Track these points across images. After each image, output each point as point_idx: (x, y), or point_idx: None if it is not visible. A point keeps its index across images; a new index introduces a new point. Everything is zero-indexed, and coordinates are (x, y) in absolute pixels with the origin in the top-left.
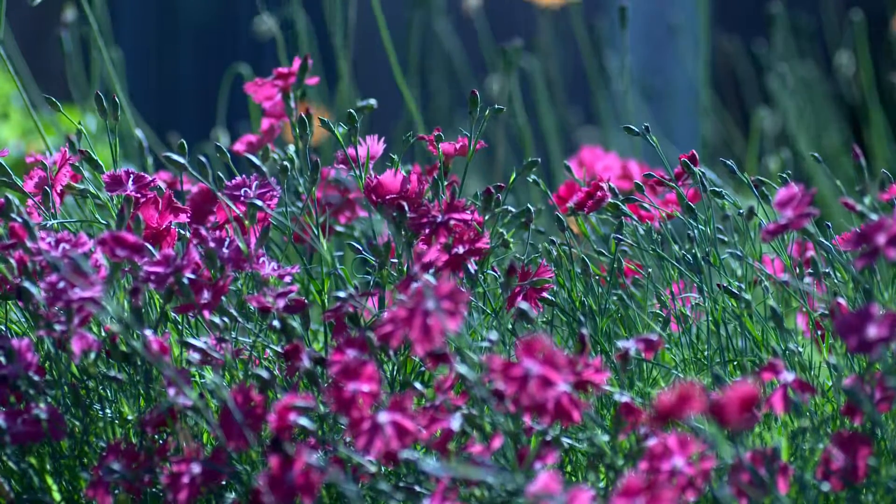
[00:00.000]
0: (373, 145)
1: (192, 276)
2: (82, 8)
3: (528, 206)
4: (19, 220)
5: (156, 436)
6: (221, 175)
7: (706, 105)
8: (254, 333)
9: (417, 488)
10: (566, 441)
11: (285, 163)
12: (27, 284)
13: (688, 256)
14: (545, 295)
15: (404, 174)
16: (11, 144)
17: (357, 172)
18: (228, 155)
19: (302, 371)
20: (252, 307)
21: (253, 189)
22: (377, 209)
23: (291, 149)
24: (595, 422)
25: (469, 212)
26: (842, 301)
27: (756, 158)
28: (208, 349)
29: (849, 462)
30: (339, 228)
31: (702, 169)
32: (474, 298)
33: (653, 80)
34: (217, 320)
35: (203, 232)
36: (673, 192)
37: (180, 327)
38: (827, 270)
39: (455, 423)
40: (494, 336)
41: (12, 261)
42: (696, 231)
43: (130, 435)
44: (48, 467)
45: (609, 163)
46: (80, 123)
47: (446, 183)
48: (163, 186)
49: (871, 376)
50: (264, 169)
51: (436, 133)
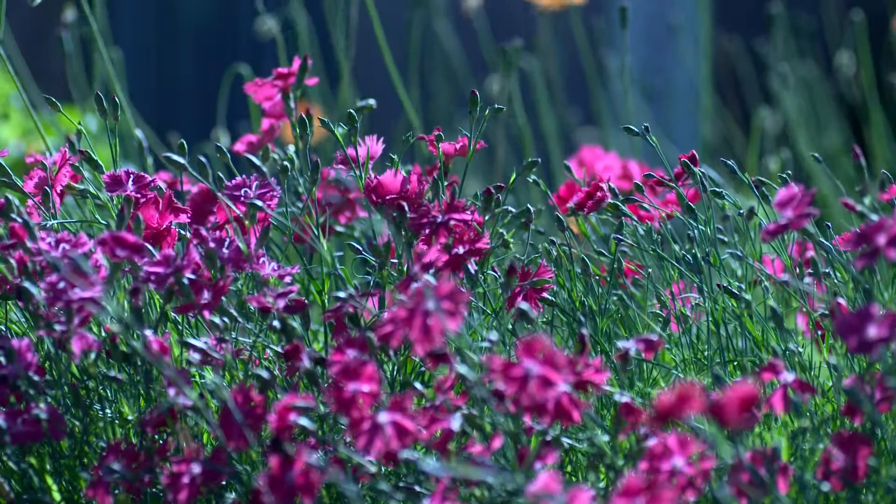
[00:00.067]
0: (372, 145)
1: (192, 277)
2: (82, 8)
3: (528, 207)
4: (19, 221)
5: (156, 436)
6: (221, 175)
7: (706, 105)
8: (254, 333)
9: (417, 488)
10: (566, 441)
11: (285, 163)
12: (27, 284)
13: (688, 256)
14: (545, 295)
15: (404, 174)
16: (11, 144)
17: (357, 172)
18: (228, 155)
19: (302, 371)
20: (252, 307)
21: (253, 189)
22: (377, 209)
23: (291, 149)
24: (595, 422)
25: (469, 212)
26: (842, 301)
27: (757, 158)
28: (208, 349)
29: (849, 462)
30: (339, 228)
31: (702, 169)
32: (474, 298)
33: (653, 80)
34: (217, 320)
35: (203, 232)
36: (673, 193)
37: (180, 327)
38: (827, 270)
39: (455, 423)
40: (494, 336)
41: (12, 261)
42: (696, 231)
43: (130, 435)
44: (48, 467)
45: (609, 163)
46: (80, 123)
47: (446, 183)
48: (163, 186)
49: (871, 376)
50: (264, 169)
51: (436, 133)
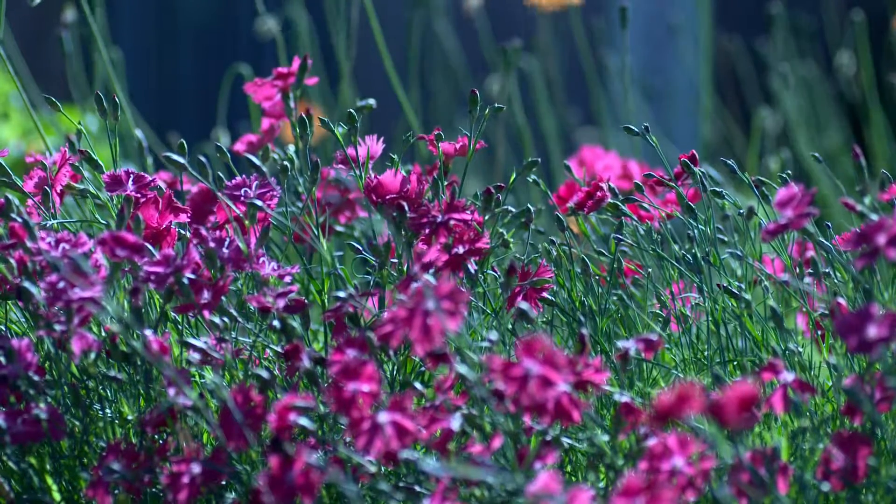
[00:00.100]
0: (372, 145)
1: (192, 276)
2: (82, 8)
3: (528, 206)
4: (19, 220)
5: (156, 436)
6: (221, 175)
7: (707, 105)
8: (254, 333)
9: (417, 488)
10: (566, 441)
11: (285, 163)
12: (27, 284)
13: (688, 256)
14: (545, 295)
15: (404, 174)
16: (11, 144)
17: (357, 172)
18: (228, 155)
19: (302, 371)
20: (252, 307)
21: (253, 189)
22: (377, 209)
23: (291, 149)
24: (595, 422)
25: (469, 212)
26: (842, 301)
27: (757, 158)
28: (208, 349)
29: (849, 462)
30: (339, 228)
31: (703, 168)
32: (474, 298)
33: (653, 80)
34: (217, 320)
35: (203, 232)
36: (673, 192)
37: (180, 327)
38: (827, 270)
39: (455, 423)
40: (494, 336)
41: (12, 261)
42: (696, 231)
43: (130, 435)
44: (48, 467)
45: (609, 163)
46: (80, 123)
47: (446, 183)
48: (163, 186)
49: (871, 376)
50: (264, 169)
51: (435, 133)
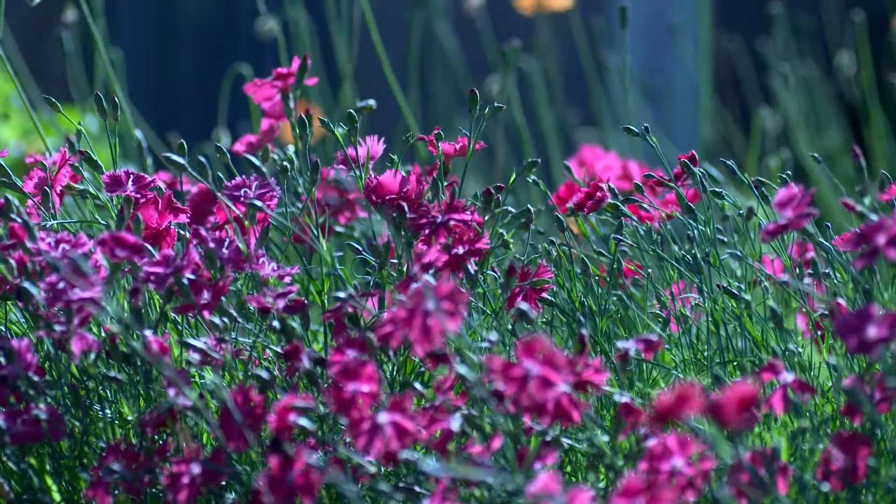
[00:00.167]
0: (373, 146)
1: (192, 277)
2: (82, 8)
3: (528, 207)
4: (19, 221)
5: (156, 436)
6: (221, 175)
7: (706, 105)
8: (254, 334)
9: (417, 489)
10: (566, 441)
11: (285, 163)
12: (27, 285)
13: (687, 257)
14: (545, 295)
15: (404, 175)
16: (11, 145)
17: (357, 173)
18: (228, 155)
19: (302, 371)
20: (252, 308)
21: (253, 189)
22: (377, 210)
23: (291, 149)
24: (595, 422)
25: (469, 212)
26: (842, 301)
27: (757, 158)
28: (208, 349)
29: (849, 462)
30: (339, 229)
31: (702, 168)
32: (474, 299)
33: (653, 80)
34: (217, 321)
35: (203, 232)
36: (673, 193)
37: (180, 328)
38: (827, 271)
39: (455, 424)
40: (494, 336)
41: (12, 261)
42: (696, 231)
43: (130, 435)
44: (48, 467)
45: (609, 163)
46: (80, 124)
47: (446, 183)
48: (163, 187)
49: (871, 377)
50: (264, 169)
51: (435, 133)
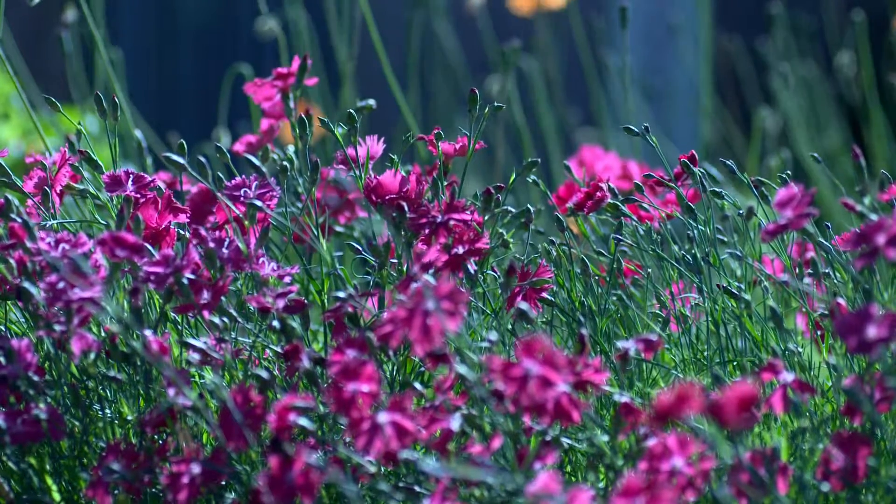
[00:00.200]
0: (372, 146)
1: (192, 277)
2: (82, 8)
3: (528, 207)
4: (19, 221)
5: (155, 436)
6: (221, 175)
7: (706, 105)
8: (253, 334)
9: (417, 488)
10: (566, 441)
11: (285, 163)
12: (27, 284)
13: (687, 257)
14: (545, 295)
15: (404, 174)
16: (11, 145)
17: (357, 173)
18: (228, 155)
19: (302, 371)
20: (252, 307)
21: (252, 189)
22: (377, 210)
23: (291, 149)
24: (595, 422)
25: (469, 212)
26: (841, 301)
27: (757, 158)
28: (208, 349)
29: (848, 462)
30: (339, 229)
31: (702, 168)
32: (474, 299)
33: (653, 80)
34: (217, 320)
35: (203, 232)
36: (673, 193)
37: (180, 327)
38: (827, 271)
39: (455, 424)
40: (494, 336)
41: (12, 261)
42: (696, 231)
43: (130, 435)
44: (48, 467)
45: (609, 163)
46: (80, 124)
47: (446, 183)
48: (162, 187)
49: (871, 376)
50: (264, 169)
51: (435, 133)
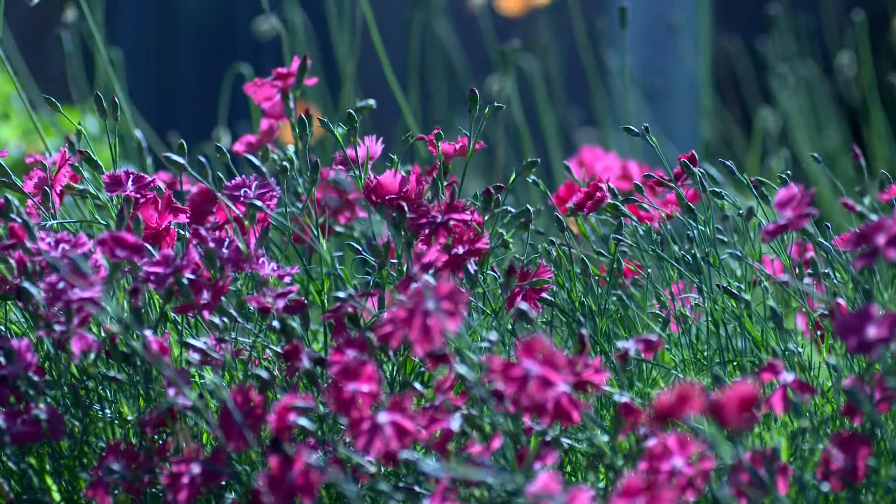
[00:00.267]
0: (372, 146)
1: (192, 277)
2: (82, 8)
3: (528, 207)
4: (19, 221)
5: (155, 436)
6: (221, 175)
7: (706, 105)
8: (253, 334)
9: (417, 488)
10: (566, 441)
11: (285, 163)
12: (27, 285)
13: (687, 257)
14: (545, 295)
15: (403, 175)
16: (11, 145)
17: (356, 173)
18: (228, 155)
19: (302, 371)
20: (252, 307)
21: (252, 189)
22: (377, 210)
23: (291, 149)
24: (595, 422)
25: (469, 212)
26: (841, 301)
27: (758, 159)
28: (208, 349)
29: (848, 462)
30: (339, 229)
31: (702, 168)
32: (474, 299)
33: (653, 80)
34: (217, 320)
35: (203, 232)
36: (672, 193)
37: (180, 327)
38: (827, 271)
39: (455, 424)
40: (494, 336)
41: (12, 261)
42: (696, 231)
43: (130, 435)
44: (48, 467)
45: (609, 163)
46: (80, 124)
47: (446, 183)
48: (162, 187)
49: (871, 377)
50: (264, 169)
51: (435, 133)
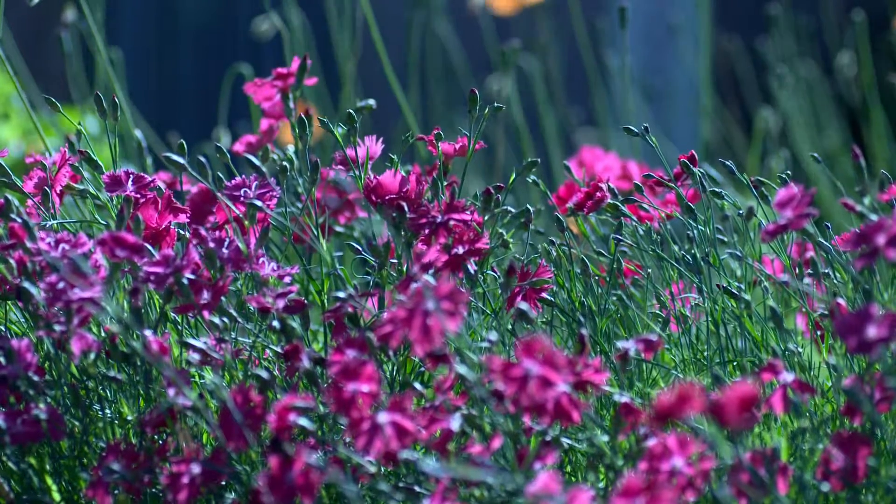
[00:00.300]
0: (371, 146)
1: (192, 277)
2: (82, 8)
3: (528, 207)
4: (19, 221)
5: (155, 436)
6: (221, 175)
7: (706, 105)
8: (253, 334)
9: (417, 488)
10: (566, 441)
11: (285, 163)
12: (27, 285)
13: (687, 257)
14: (544, 295)
15: (404, 175)
16: (11, 145)
17: (356, 173)
18: (228, 155)
19: (302, 371)
20: (252, 307)
21: (252, 189)
22: (376, 210)
23: (291, 149)
24: (595, 422)
25: (469, 212)
26: (841, 301)
27: (758, 159)
28: (208, 349)
29: (848, 462)
30: (339, 229)
31: (702, 168)
32: (474, 299)
33: (653, 80)
34: (217, 321)
35: (203, 232)
36: (672, 193)
37: (180, 327)
38: (827, 271)
39: (455, 424)
40: (494, 336)
41: (12, 261)
42: (696, 231)
43: (130, 435)
44: (48, 467)
45: (609, 163)
46: (80, 124)
47: (446, 183)
48: (162, 187)
49: (871, 376)
50: (264, 169)
51: (435, 133)
